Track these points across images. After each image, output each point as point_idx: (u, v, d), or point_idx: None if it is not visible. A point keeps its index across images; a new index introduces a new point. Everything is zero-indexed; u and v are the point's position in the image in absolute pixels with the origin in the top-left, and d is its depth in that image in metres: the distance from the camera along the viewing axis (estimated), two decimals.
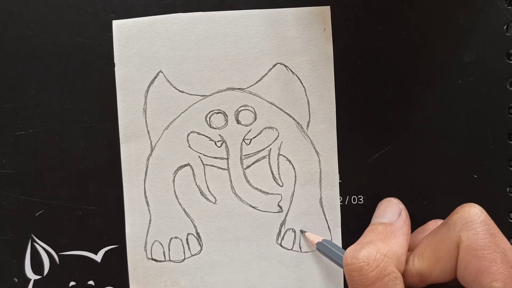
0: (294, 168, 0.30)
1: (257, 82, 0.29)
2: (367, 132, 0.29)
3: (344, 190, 0.29)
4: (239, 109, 0.29)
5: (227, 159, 0.29)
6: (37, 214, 0.30)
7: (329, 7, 0.29)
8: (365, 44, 0.29)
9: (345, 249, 0.26)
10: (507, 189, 0.29)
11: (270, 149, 0.29)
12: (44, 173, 0.30)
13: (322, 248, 0.28)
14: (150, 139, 0.29)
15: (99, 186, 0.30)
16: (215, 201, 0.30)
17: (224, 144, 0.29)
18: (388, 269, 0.24)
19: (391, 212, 0.27)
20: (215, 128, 0.29)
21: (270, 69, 0.29)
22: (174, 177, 0.30)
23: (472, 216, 0.23)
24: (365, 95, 0.29)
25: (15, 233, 0.30)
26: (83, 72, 0.29)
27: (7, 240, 0.30)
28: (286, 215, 0.30)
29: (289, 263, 0.30)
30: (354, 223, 0.30)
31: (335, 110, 0.29)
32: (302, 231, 0.30)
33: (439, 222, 0.28)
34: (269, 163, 0.30)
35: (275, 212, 0.30)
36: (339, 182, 0.29)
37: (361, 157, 0.29)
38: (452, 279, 0.24)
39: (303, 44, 0.29)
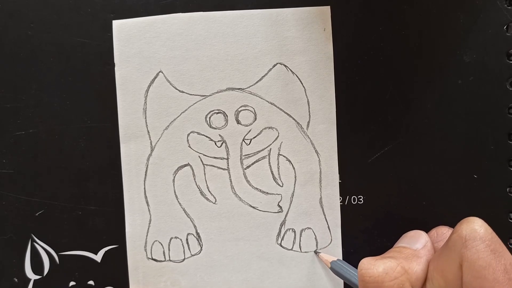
0: (294, 168, 0.30)
1: (257, 82, 0.29)
2: (367, 132, 0.29)
3: (344, 190, 0.29)
4: (239, 109, 0.29)
5: (227, 159, 0.29)
6: (37, 214, 0.30)
7: (329, 7, 0.29)
8: (365, 44, 0.29)
9: None
10: (507, 189, 0.29)
11: (270, 149, 0.29)
12: (44, 173, 0.30)
13: (336, 267, 0.28)
14: (150, 139, 0.29)
15: (99, 186, 0.30)
16: (215, 201, 0.30)
17: (224, 144, 0.29)
18: (406, 285, 0.23)
19: (416, 241, 0.26)
20: (215, 128, 0.29)
21: (270, 69, 0.29)
22: (174, 177, 0.30)
23: (470, 234, 0.22)
24: (365, 95, 0.29)
25: (15, 233, 0.30)
26: (83, 72, 0.29)
27: (7, 240, 0.30)
28: (286, 215, 0.30)
29: (289, 263, 0.30)
30: (354, 223, 0.30)
31: (335, 110, 0.29)
32: (316, 252, 0.29)
33: (439, 230, 0.28)
34: (269, 163, 0.30)
35: (275, 212, 0.30)
36: (339, 182, 0.29)
37: (361, 157, 0.29)
38: None
39: (303, 44, 0.29)
